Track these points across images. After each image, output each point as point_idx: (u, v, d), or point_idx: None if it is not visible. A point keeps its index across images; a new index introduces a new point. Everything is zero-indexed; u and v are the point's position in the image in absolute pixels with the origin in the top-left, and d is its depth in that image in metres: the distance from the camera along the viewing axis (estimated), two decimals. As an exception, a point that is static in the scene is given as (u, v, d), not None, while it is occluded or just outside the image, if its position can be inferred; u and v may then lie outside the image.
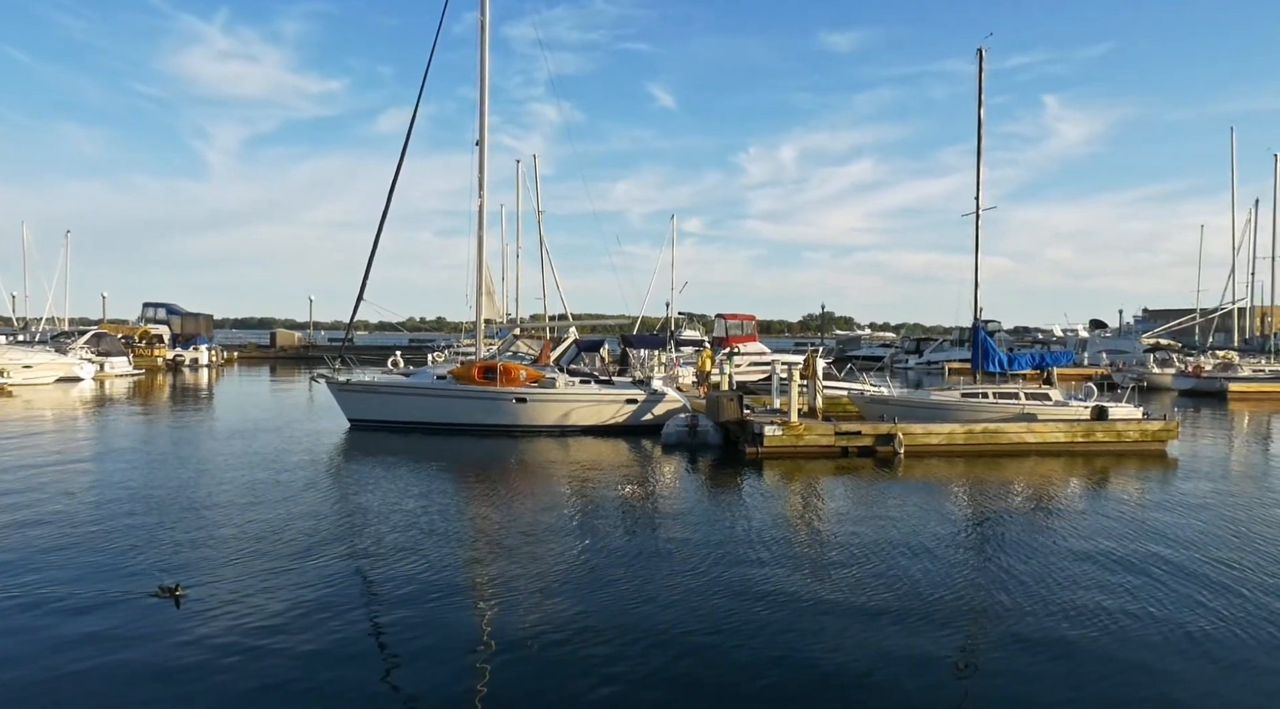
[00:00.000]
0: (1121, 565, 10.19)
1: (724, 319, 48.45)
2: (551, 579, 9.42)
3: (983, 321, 24.57)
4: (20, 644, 7.24)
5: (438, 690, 6.55)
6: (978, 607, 8.64)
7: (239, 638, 7.32)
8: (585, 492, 14.92)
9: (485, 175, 25.13)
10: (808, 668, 7.02)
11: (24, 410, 27.36)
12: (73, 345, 43.51)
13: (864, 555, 10.55)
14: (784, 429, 19.01)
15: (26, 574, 9.24)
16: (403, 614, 8.16)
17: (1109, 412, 20.97)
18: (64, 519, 11.86)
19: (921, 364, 58.14)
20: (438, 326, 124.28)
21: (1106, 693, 6.65)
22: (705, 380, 27.68)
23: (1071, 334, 64.59)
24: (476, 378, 23.26)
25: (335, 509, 13.06)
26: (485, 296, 26.67)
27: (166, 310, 60.83)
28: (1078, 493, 15.40)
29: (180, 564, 9.65)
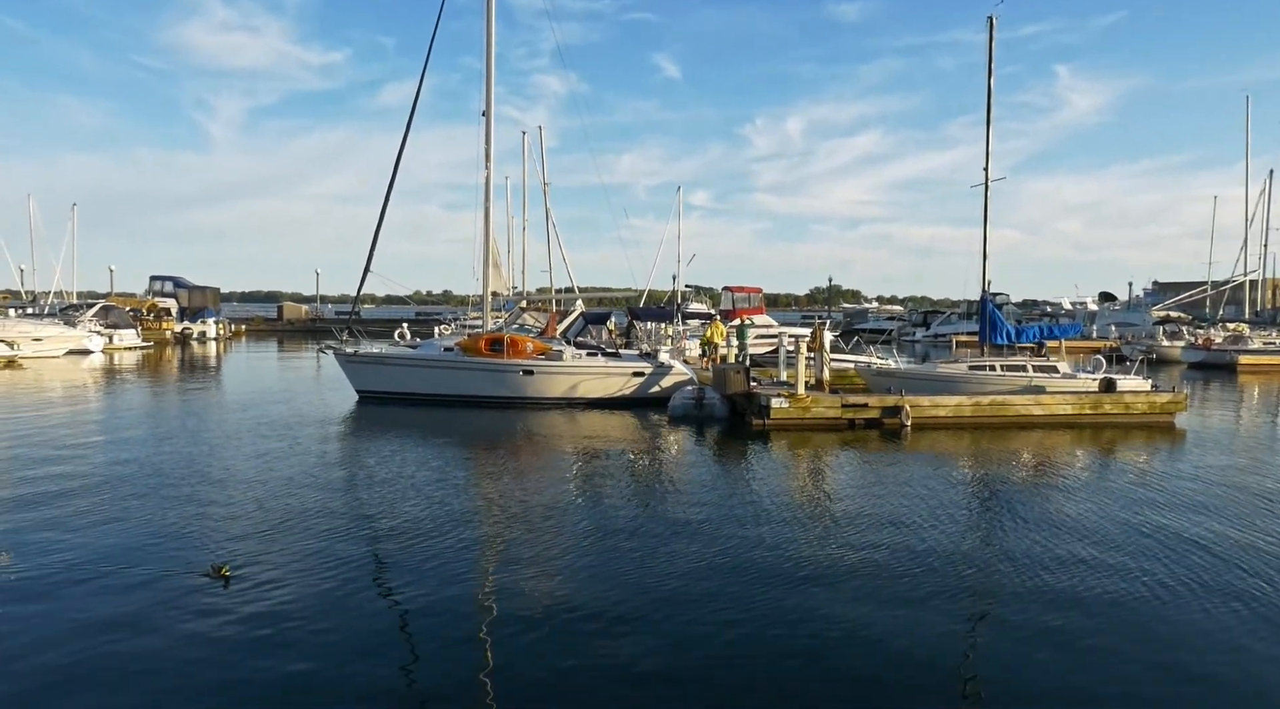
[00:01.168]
0: (1128, 536, 10.21)
1: (731, 292, 48.26)
2: (560, 550, 9.49)
3: (991, 294, 24.45)
4: (67, 623, 7.08)
5: (463, 660, 6.64)
6: (984, 578, 8.68)
7: (282, 616, 7.27)
8: (592, 464, 14.98)
9: (492, 146, 24.99)
10: (814, 638, 7.07)
11: (36, 383, 27.53)
12: (81, 318, 43.69)
13: (870, 527, 10.59)
14: (791, 402, 19.02)
15: (63, 551, 9.27)
16: (430, 589, 8.20)
17: (1117, 384, 20.92)
18: (96, 495, 11.90)
19: (929, 337, 57.95)
20: (444, 299, 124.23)
21: (1113, 661, 6.69)
22: (713, 353, 27.64)
23: (1080, 307, 64.31)
24: (484, 350, 23.30)
25: (352, 483, 13.14)
26: (492, 269, 26.63)
27: (174, 283, 60.98)
28: (1085, 465, 15.40)
29: (212, 541, 9.69)
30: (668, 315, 30.12)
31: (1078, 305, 65.61)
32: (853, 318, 75.48)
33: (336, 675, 6.25)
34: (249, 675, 6.20)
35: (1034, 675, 6.44)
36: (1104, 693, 6.15)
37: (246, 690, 5.99)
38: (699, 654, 6.72)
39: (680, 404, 21.15)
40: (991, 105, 23.60)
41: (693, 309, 42.91)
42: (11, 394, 24.14)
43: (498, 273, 27.90)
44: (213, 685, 6.07)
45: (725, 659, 6.64)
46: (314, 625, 7.09)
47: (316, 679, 6.18)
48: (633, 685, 6.18)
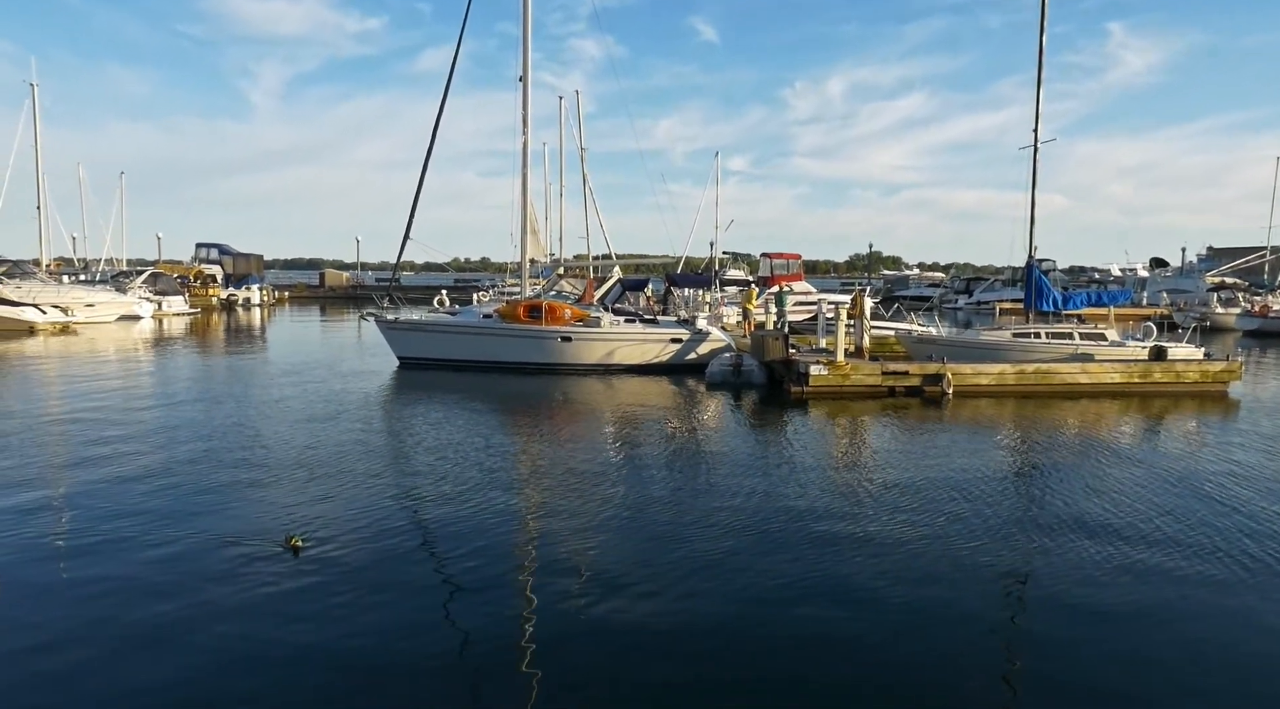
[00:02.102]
0: (1177, 508, 10.00)
1: (769, 258, 47.74)
2: (600, 518, 9.56)
3: (1037, 260, 23.87)
4: (136, 589, 7.14)
5: (508, 630, 6.76)
6: (1025, 550, 8.57)
7: (339, 585, 7.31)
8: (630, 430, 15.04)
9: (529, 111, 24.86)
10: (850, 607, 7.06)
11: (90, 348, 28.31)
12: (131, 285, 44.70)
13: (909, 496, 10.50)
14: (830, 369, 18.85)
15: (126, 515, 9.61)
16: (479, 556, 8.32)
17: (1168, 352, 20.39)
18: (155, 461, 12.20)
19: (971, 304, 56.92)
20: (482, 266, 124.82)
21: (1156, 639, 6.59)
22: (747, 320, 27.48)
23: (1130, 273, 62.58)
24: (522, 317, 23.41)
25: (399, 450, 13.33)
26: (530, 236, 26.64)
27: (219, 251, 61.99)
28: (1133, 435, 15.09)
29: (268, 511, 9.92)
30: (705, 282, 29.94)
31: (1127, 272, 63.84)
32: (893, 285, 74.40)
33: (388, 647, 6.38)
34: (312, 643, 6.36)
35: (1073, 653, 6.36)
36: (1144, 674, 6.05)
37: (304, 661, 6.15)
38: (732, 621, 6.74)
39: (718, 370, 21.10)
40: (1043, 63, 22.86)
41: (730, 276, 42.63)
42: (67, 359, 24.87)
43: (535, 239, 27.87)
44: (266, 656, 6.24)
45: (756, 625, 6.66)
46: (371, 596, 7.17)
47: (372, 651, 6.31)
48: (668, 653, 6.24)
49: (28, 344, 29.03)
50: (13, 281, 37.34)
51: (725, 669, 5.93)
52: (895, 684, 5.75)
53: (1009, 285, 55.22)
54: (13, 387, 19.11)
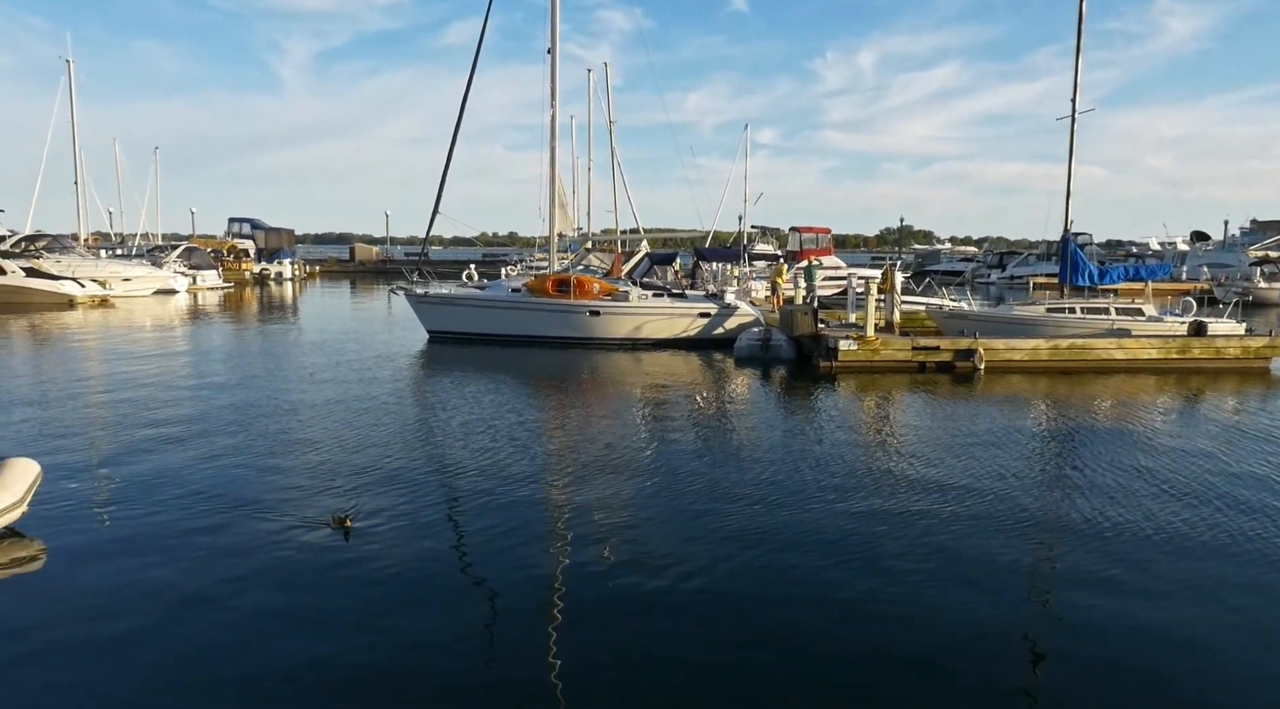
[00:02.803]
0: (1214, 485, 9.86)
1: (798, 232, 47.32)
2: (627, 491, 9.63)
3: (1073, 234, 23.43)
4: (190, 571, 7.14)
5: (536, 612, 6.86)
6: (1057, 530, 8.50)
7: (389, 561, 7.36)
8: (659, 404, 15.08)
9: (558, 84, 24.75)
10: (878, 580, 7.06)
11: (128, 322, 28.85)
12: (167, 260, 45.38)
13: (939, 473, 10.45)
14: (859, 344, 18.73)
15: (178, 496, 9.84)
16: (513, 536, 8.41)
17: (1208, 327, 19.99)
18: (196, 437, 12.46)
19: (1004, 279, 56.04)
20: (510, 241, 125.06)
21: (1191, 619, 6.53)
22: (775, 295, 27.34)
23: (1170, 247, 61.15)
24: (550, 291, 23.48)
25: (433, 425, 13.46)
26: (558, 210, 26.62)
27: (251, 225, 62.63)
28: (1169, 411, 14.86)
29: (307, 489, 10.08)
30: (734, 256, 29.77)
31: (1166, 246, 62.38)
32: (924, 259, 73.45)
33: (426, 619, 6.51)
34: (352, 615, 6.51)
35: (1104, 629, 6.33)
36: (1178, 656, 6.01)
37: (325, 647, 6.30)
38: (759, 592, 6.79)
39: (746, 345, 21.05)
40: (1082, 30, 22.28)
41: (759, 250, 42.35)
42: (107, 333, 25.38)
43: (563, 213, 27.86)
44: (315, 627, 6.39)
45: (783, 601, 6.70)
46: (409, 574, 7.29)
47: (401, 631, 6.44)
48: (696, 625, 6.30)
49: (68, 317, 29.64)
50: (52, 256, 38.08)
51: (751, 639, 5.98)
52: (923, 658, 5.76)
53: (1043, 260, 54.33)
54: (57, 360, 19.56)
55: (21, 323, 27.22)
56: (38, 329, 25.66)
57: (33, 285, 34.76)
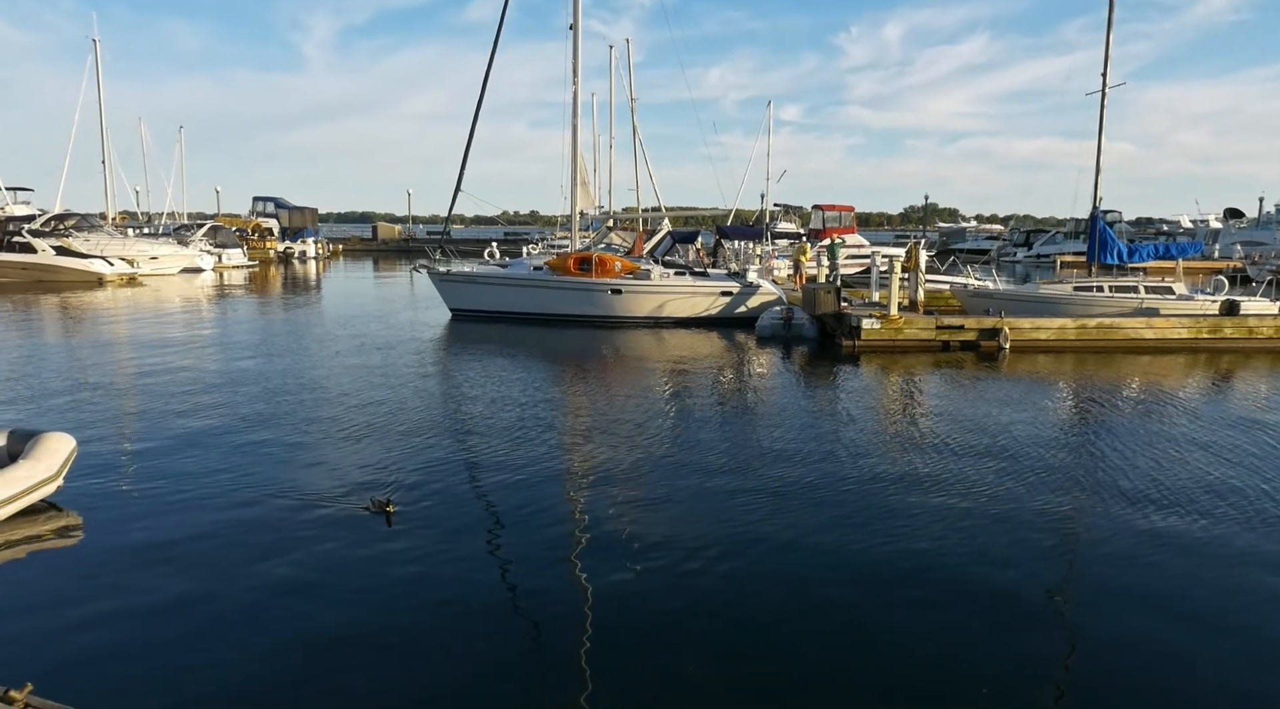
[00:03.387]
0: (1243, 467, 9.74)
1: (821, 210, 46.92)
2: (650, 471, 9.67)
3: (1102, 211, 23.05)
4: (222, 545, 7.15)
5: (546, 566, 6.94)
6: (1081, 514, 8.45)
7: (418, 541, 7.35)
8: (679, 383, 15.10)
9: (579, 61, 24.59)
10: (899, 566, 7.05)
11: (157, 300, 29.23)
12: (193, 238, 45.85)
13: (961, 455, 10.40)
14: (883, 322, 18.61)
15: (209, 471, 10.01)
16: (546, 516, 8.47)
17: (1240, 306, 19.65)
18: (241, 419, 12.56)
19: (1031, 257, 55.33)
20: (531, 220, 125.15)
21: (1215, 602, 6.48)
22: (798, 274, 27.17)
23: (1202, 225, 59.98)
24: (572, 269, 23.48)
25: (459, 404, 13.58)
26: (579, 187, 26.56)
27: (275, 204, 63.05)
28: (1199, 391, 14.66)
29: (338, 469, 10.23)
30: (756, 234, 29.58)
31: (1199, 223, 61.19)
32: (949, 237, 72.59)
33: (453, 597, 6.60)
34: (377, 603, 6.62)
35: (1129, 614, 6.30)
36: (1199, 644, 5.98)
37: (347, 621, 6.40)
38: (781, 574, 6.81)
39: (768, 324, 20.97)
40: (1114, 2, 21.78)
41: (781, 228, 42.02)
42: (137, 311, 25.73)
43: (585, 191, 27.81)
44: (352, 609, 6.50)
45: (802, 579, 6.72)
46: (436, 547, 7.44)
47: (416, 611, 6.54)
48: (715, 604, 6.34)
49: (97, 296, 30.07)
50: (81, 235, 38.56)
51: (772, 620, 6.01)
52: (946, 642, 5.77)
53: (1071, 238, 53.46)
54: (89, 338, 19.88)
55: (53, 301, 27.68)
56: (69, 307, 26.08)
57: (63, 264, 35.29)
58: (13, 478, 7.39)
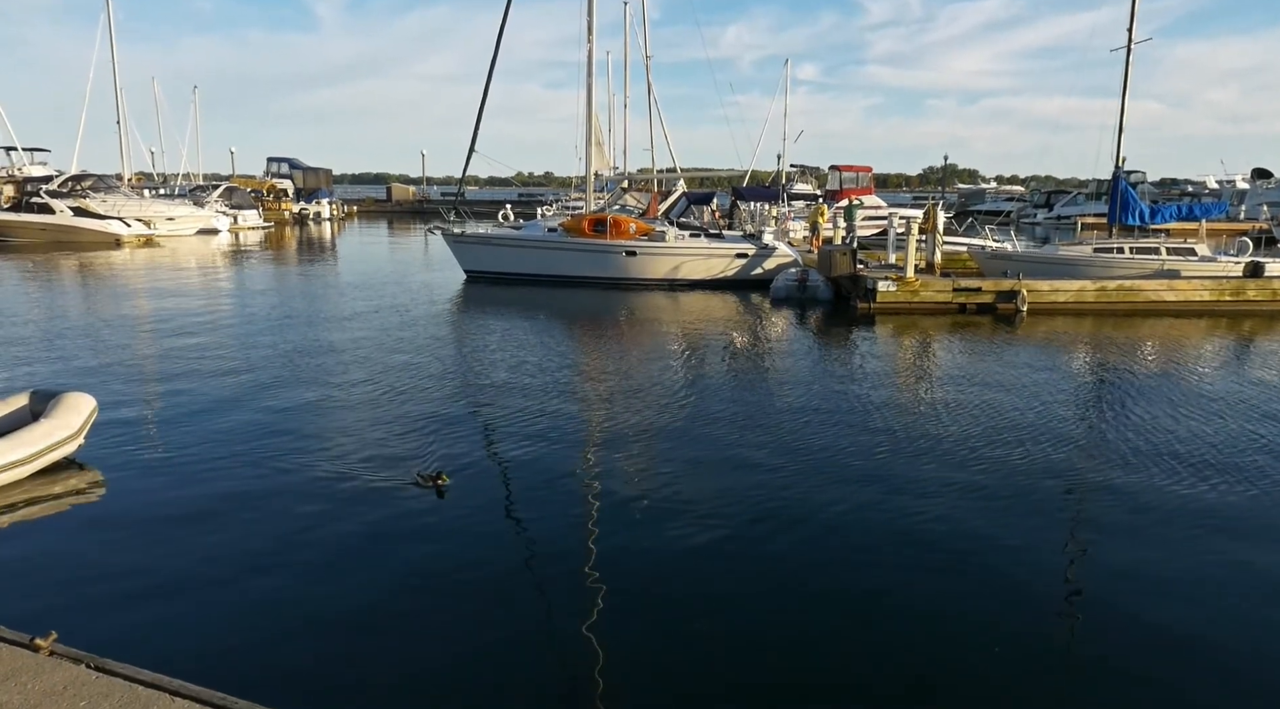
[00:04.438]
0: (1264, 434, 9.67)
1: (838, 171, 46.35)
2: (668, 434, 9.71)
3: (1125, 172, 22.63)
4: (243, 504, 7.23)
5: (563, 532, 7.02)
6: (1095, 480, 8.42)
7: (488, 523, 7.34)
8: (693, 345, 15.08)
9: (594, 19, 24.21)
10: (911, 529, 7.07)
11: (176, 261, 29.38)
12: (208, 199, 45.89)
13: (975, 419, 10.37)
14: (899, 285, 18.46)
15: (228, 430, 10.13)
16: (568, 480, 8.59)
17: (1265, 268, 19.34)
18: (258, 378, 12.74)
19: (1051, 219, 54.47)
20: (545, 181, 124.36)
21: (1225, 567, 6.48)
22: (815, 236, 26.94)
23: (1229, 186, 58.70)
24: (587, 231, 23.37)
25: (477, 369, 13.58)
26: (594, 148, 26.32)
27: (289, 165, 62.87)
28: (1220, 355, 14.50)
29: (371, 439, 10.34)
30: (772, 196, 29.28)
31: (1225, 184, 59.87)
32: (968, 198, 71.53)
33: (473, 561, 6.70)
34: (399, 565, 6.72)
35: (1140, 579, 6.31)
36: (1213, 614, 5.98)
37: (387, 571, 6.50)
38: (794, 535, 6.86)
39: (783, 286, 20.86)
40: (1144, -44, 21.14)
41: (798, 189, 41.57)
42: (155, 272, 25.89)
43: (600, 152, 27.54)
44: (379, 572, 6.61)
45: (814, 545, 6.75)
46: (463, 520, 7.53)
47: (460, 568, 6.63)
48: (725, 562, 6.40)
49: (115, 257, 30.26)
50: (98, 196, 38.68)
51: (785, 582, 6.07)
52: (955, 604, 5.81)
53: (1092, 199, 52.52)
54: (108, 298, 20.05)
55: (72, 262, 27.88)
56: (88, 268, 26.28)
57: (80, 225, 35.46)
58: (35, 436, 7.52)
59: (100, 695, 3.53)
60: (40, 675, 3.67)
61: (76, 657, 3.86)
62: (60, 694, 3.54)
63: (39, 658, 3.82)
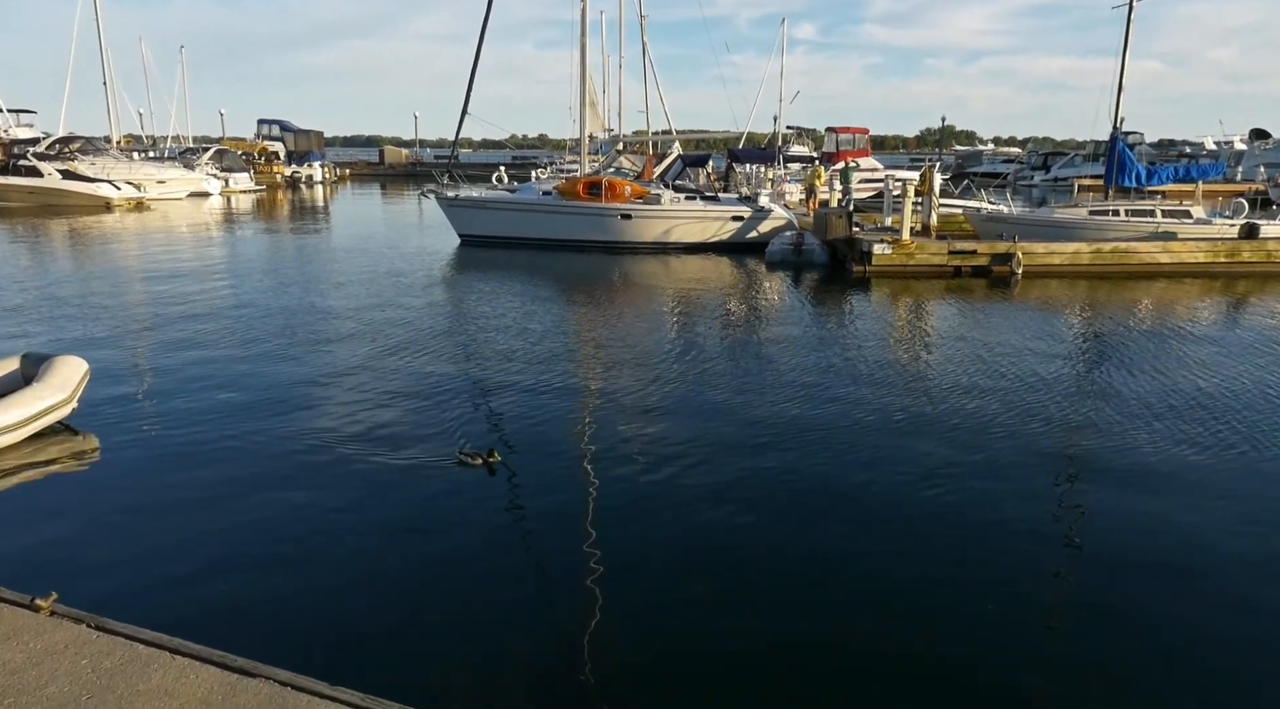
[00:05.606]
0: (1253, 392, 9.74)
1: (835, 133, 45.95)
2: (664, 396, 9.75)
3: (1123, 133, 22.45)
4: (237, 462, 7.35)
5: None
6: (1087, 441, 8.49)
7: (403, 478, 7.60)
8: (687, 309, 15.08)
9: (586, -25, 23.77)
10: (902, 495, 7.13)
11: (168, 225, 29.13)
12: (199, 162, 45.40)
13: (968, 382, 10.42)
14: (894, 247, 18.41)
15: (222, 392, 10.13)
16: (562, 443, 8.65)
17: (1260, 229, 19.31)
18: (252, 341, 12.73)
19: (1048, 180, 54.19)
20: (540, 143, 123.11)
21: (1222, 531, 6.57)
22: (811, 199, 26.79)
23: (1227, 147, 58.36)
24: (581, 194, 23.20)
25: (476, 333, 13.58)
26: (589, 109, 26.01)
27: (280, 127, 62.07)
28: (1214, 318, 14.54)
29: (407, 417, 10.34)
30: (768, 158, 29.07)
31: (1223, 145, 59.50)
32: (965, 160, 71.00)
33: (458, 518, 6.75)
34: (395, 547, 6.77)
35: (1127, 545, 6.40)
36: (1200, 569, 6.07)
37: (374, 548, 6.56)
38: (782, 499, 6.93)
39: (778, 249, 20.78)
40: (1147, -89, 20.75)
41: (794, 152, 41.24)
42: (147, 236, 25.68)
43: (594, 114, 27.21)
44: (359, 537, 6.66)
45: (802, 507, 6.83)
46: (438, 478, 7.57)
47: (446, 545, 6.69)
48: (720, 521, 6.47)
49: (106, 220, 29.99)
50: (86, 158, 38.21)
51: (777, 538, 6.14)
52: (950, 548, 5.89)
53: (1090, 160, 52.14)
54: (100, 263, 19.91)
55: (62, 225, 27.63)
56: (78, 231, 26.06)
57: (69, 188, 35.06)
58: (28, 400, 7.52)
59: (101, 654, 3.59)
60: (41, 635, 3.72)
61: (77, 617, 3.91)
62: (62, 652, 3.59)
63: (40, 618, 3.88)
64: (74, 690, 3.35)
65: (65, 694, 3.33)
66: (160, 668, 3.50)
